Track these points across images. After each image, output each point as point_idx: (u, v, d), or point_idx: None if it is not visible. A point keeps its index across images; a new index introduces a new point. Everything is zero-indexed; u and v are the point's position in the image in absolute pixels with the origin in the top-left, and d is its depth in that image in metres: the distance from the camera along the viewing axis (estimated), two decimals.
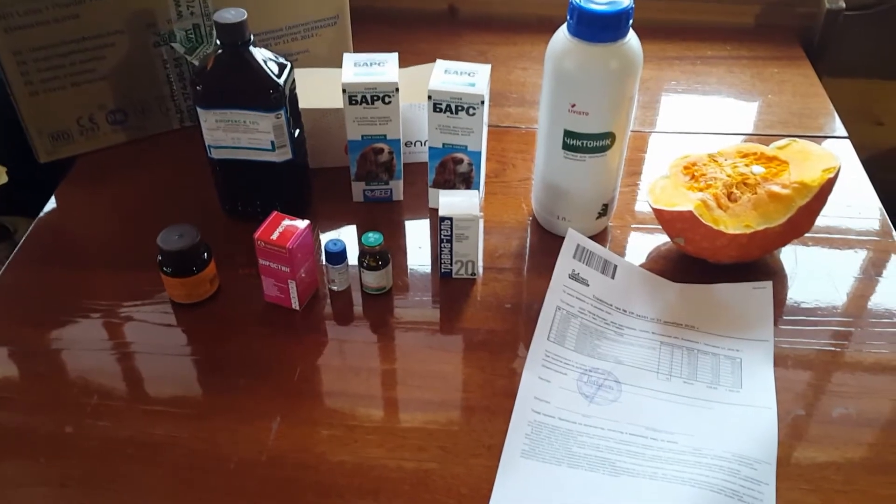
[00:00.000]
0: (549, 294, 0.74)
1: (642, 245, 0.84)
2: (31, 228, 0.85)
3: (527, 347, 0.72)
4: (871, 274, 0.81)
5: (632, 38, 0.71)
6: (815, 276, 0.80)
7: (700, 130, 1.00)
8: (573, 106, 0.72)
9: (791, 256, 0.82)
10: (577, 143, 0.75)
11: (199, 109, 0.75)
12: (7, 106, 0.88)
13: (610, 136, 0.75)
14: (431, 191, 0.86)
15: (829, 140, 0.98)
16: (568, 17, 0.71)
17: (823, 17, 1.12)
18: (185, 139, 0.97)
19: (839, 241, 0.84)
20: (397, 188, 0.87)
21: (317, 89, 0.87)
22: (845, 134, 0.99)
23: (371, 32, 1.05)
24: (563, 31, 0.72)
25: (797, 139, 0.81)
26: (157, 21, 0.88)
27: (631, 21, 0.70)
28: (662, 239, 0.83)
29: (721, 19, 1.18)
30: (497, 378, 0.70)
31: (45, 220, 0.87)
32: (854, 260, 0.82)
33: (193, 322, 0.76)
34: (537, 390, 0.68)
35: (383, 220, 0.87)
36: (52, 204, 0.89)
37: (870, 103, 1.22)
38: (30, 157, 0.92)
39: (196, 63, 0.91)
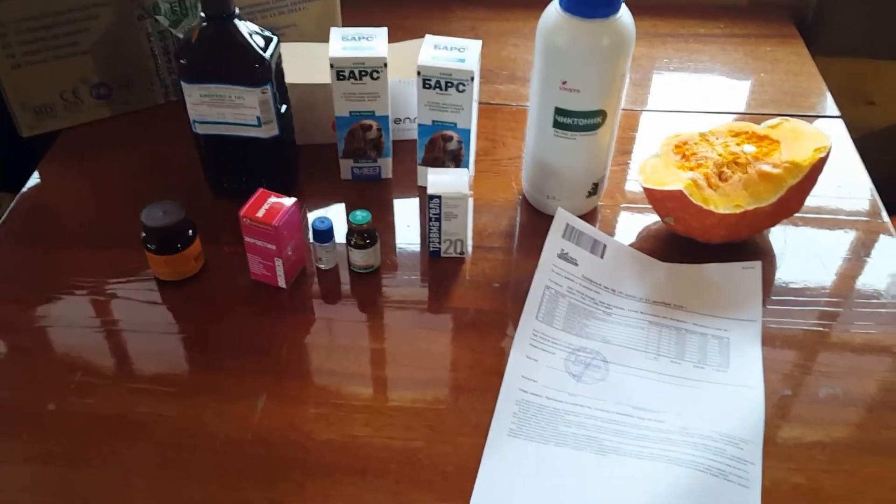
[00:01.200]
0: (538, 273, 0.74)
1: (632, 224, 0.83)
2: (13, 204, 0.84)
3: (515, 327, 0.72)
4: (860, 254, 0.81)
5: (624, 13, 0.70)
6: (804, 256, 0.80)
7: (692, 109, 0.99)
8: (564, 83, 0.72)
9: (780, 236, 0.82)
10: (567, 120, 0.74)
11: (183, 84, 0.74)
12: None
13: (601, 113, 0.74)
14: (420, 168, 0.85)
15: (821, 119, 0.97)
16: None
17: None
18: (170, 113, 0.95)
19: (829, 221, 0.84)
20: (386, 166, 0.87)
21: (304, 64, 0.86)
22: (837, 113, 0.98)
23: (360, 7, 1.03)
24: (554, 6, 0.71)
25: (789, 118, 0.81)
26: None
27: None
28: (652, 218, 0.83)
29: None
30: (485, 357, 0.70)
31: (27, 195, 0.86)
32: (843, 240, 0.82)
33: (179, 300, 0.75)
34: (525, 369, 0.68)
35: (371, 197, 0.86)
36: (34, 179, 0.88)
37: (861, 83, 1.22)
38: (12, 132, 0.91)
39: (181, 36, 0.90)
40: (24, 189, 0.86)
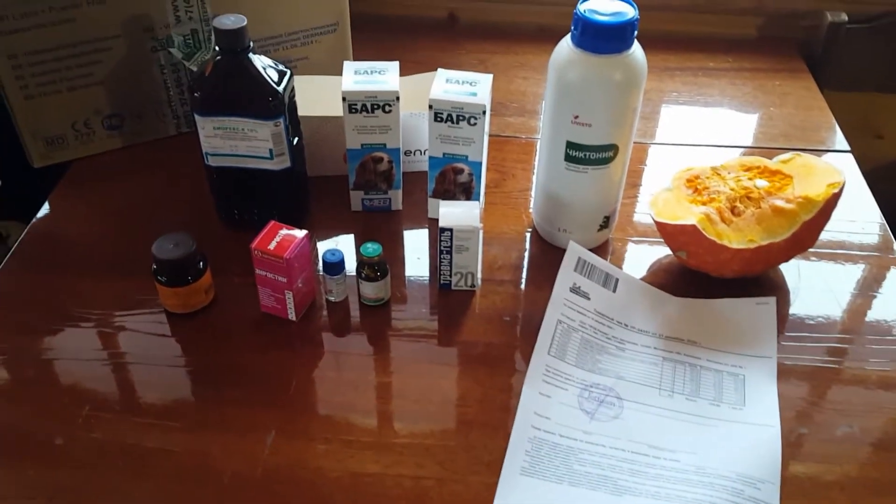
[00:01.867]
0: (550, 307, 0.73)
1: (643, 258, 0.83)
2: (23, 234, 0.84)
3: (526, 361, 0.71)
4: (873, 289, 0.80)
5: (636, 49, 0.70)
6: (818, 291, 0.79)
7: (701, 143, 0.99)
8: (576, 117, 0.72)
9: (794, 271, 0.81)
10: (579, 154, 0.74)
11: (196, 116, 0.74)
12: (0, 109, 0.87)
13: (613, 147, 0.74)
14: (431, 201, 0.85)
15: (830, 154, 0.97)
16: (572, 28, 0.70)
17: (826, 29, 1.12)
18: (181, 145, 0.95)
19: (842, 255, 0.83)
20: (396, 198, 0.86)
21: (316, 97, 0.86)
22: (847, 147, 0.98)
23: (370, 40, 1.04)
24: (566, 42, 0.71)
25: (801, 153, 0.81)
26: (154, 26, 0.87)
27: (636, 32, 0.69)
28: (663, 252, 0.82)
29: (723, 31, 1.17)
30: (496, 392, 0.69)
31: (38, 225, 0.86)
32: (856, 275, 0.82)
33: (188, 332, 0.74)
34: (537, 406, 0.67)
35: (381, 229, 0.86)
36: (45, 209, 0.88)
37: (870, 116, 1.22)
38: (23, 162, 0.91)
39: (194, 69, 0.90)
40: (35, 219, 0.86)
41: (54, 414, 0.67)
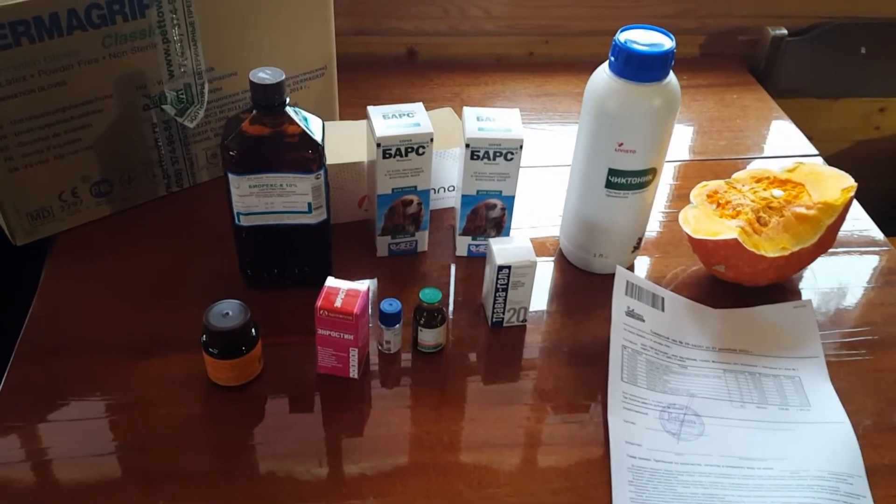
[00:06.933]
0: (613, 334, 0.74)
1: (662, 273, 0.85)
2: (26, 321, 0.76)
3: (599, 391, 0.71)
4: (879, 281, 0.86)
5: (672, 76, 0.73)
6: (837, 286, 0.84)
7: (684, 158, 1.03)
8: (620, 145, 0.73)
9: (808, 272, 0.86)
10: (621, 180, 0.75)
11: (231, 176, 0.70)
12: None
13: (652, 171, 0.76)
14: (460, 239, 0.84)
15: (801, 159, 1.03)
16: (612, 58, 0.71)
17: (769, 43, 1.20)
18: (170, 205, 0.90)
19: (842, 251, 0.89)
20: (423, 239, 0.85)
21: (331, 144, 0.83)
22: (815, 152, 1.05)
23: (345, 82, 1.00)
24: (604, 72, 0.73)
25: (803, 161, 0.86)
26: (147, 83, 0.82)
27: (672, 61, 0.71)
28: (677, 264, 0.85)
29: None
30: (580, 427, 0.69)
31: (38, 310, 0.77)
32: (864, 267, 0.87)
33: (245, 405, 0.69)
34: (627, 434, 0.68)
35: (407, 272, 0.84)
36: (41, 292, 0.79)
37: (803, 121, 1.31)
38: None
39: (188, 124, 0.85)
40: (33, 304, 0.78)
41: None
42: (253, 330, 0.69)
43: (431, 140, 0.77)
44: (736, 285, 0.82)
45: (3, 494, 0.62)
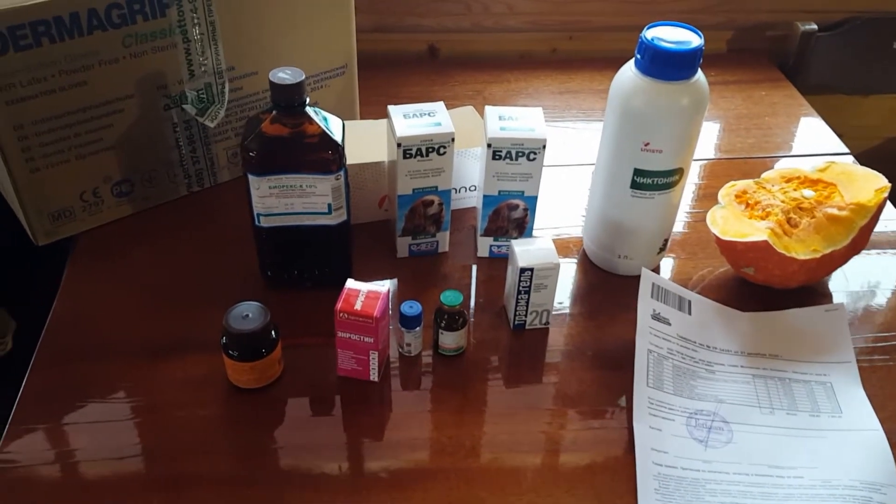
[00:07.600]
0: (639, 337, 0.72)
1: (689, 274, 0.83)
2: (48, 322, 0.76)
3: (624, 396, 0.70)
4: None
5: (700, 74, 0.71)
6: (868, 289, 0.82)
7: (711, 157, 1.01)
8: (647, 144, 0.71)
9: (839, 274, 0.84)
10: (647, 181, 0.74)
11: (250, 177, 0.69)
12: None
13: (679, 171, 0.74)
14: (481, 239, 0.83)
15: (832, 157, 1.01)
16: (638, 56, 0.70)
17: (798, 38, 1.17)
18: (191, 205, 0.89)
19: (875, 252, 0.87)
20: (444, 239, 0.84)
21: (350, 144, 0.82)
22: (846, 150, 1.03)
23: (364, 80, 0.99)
24: (630, 70, 0.71)
25: (835, 161, 0.84)
26: (167, 83, 0.81)
27: (701, 59, 0.70)
28: (703, 266, 0.83)
29: None
30: (605, 433, 0.68)
31: (60, 310, 0.77)
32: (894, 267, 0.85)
33: (266, 408, 0.69)
34: (653, 441, 0.66)
35: (428, 273, 0.83)
36: (62, 292, 0.79)
37: (833, 118, 1.28)
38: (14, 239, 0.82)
39: (209, 124, 0.85)
40: (54, 305, 0.78)
41: None
42: (273, 332, 0.68)
43: (452, 140, 0.75)
44: (765, 287, 0.80)
45: (23, 496, 0.62)
